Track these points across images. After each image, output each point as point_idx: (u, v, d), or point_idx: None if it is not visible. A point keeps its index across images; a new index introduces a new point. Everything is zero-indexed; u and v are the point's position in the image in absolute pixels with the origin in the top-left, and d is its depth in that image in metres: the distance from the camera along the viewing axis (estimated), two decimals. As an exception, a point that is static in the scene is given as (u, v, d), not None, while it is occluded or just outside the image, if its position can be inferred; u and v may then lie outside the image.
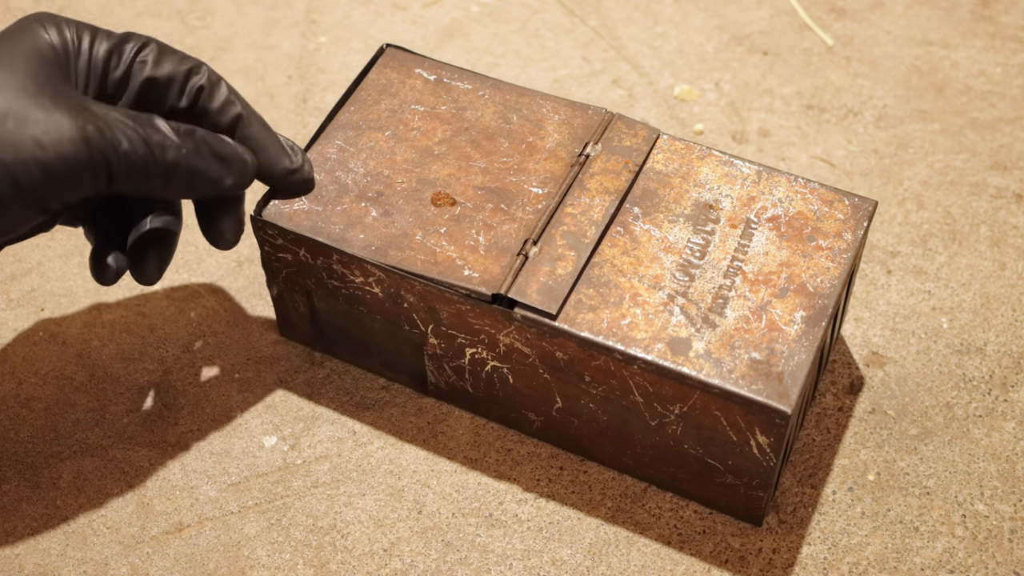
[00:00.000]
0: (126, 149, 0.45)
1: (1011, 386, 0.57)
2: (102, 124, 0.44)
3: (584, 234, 0.51)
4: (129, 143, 0.45)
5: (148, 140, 0.45)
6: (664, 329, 0.49)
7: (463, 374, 0.54)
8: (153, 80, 0.48)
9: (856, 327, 0.59)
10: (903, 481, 0.54)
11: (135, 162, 0.45)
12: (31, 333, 0.59)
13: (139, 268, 0.51)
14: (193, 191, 0.48)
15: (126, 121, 0.45)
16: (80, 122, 0.44)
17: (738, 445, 0.49)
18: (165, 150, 0.46)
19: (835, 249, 0.51)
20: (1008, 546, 0.52)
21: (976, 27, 0.71)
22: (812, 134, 0.66)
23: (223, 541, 0.53)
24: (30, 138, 0.43)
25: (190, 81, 0.49)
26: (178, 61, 0.49)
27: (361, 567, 0.52)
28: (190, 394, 0.57)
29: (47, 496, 0.54)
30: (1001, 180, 0.64)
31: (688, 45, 0.71)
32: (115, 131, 0.45)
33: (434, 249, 0.51)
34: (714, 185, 0.53)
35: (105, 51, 0.47)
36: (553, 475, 0.54)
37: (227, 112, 0.50)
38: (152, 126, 0.46)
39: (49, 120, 0.43)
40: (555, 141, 0.54)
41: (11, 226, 0.45)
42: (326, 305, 0.55)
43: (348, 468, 0.55)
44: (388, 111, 0.56)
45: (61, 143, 0.43)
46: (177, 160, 0.47)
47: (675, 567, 0.52)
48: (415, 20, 0.73)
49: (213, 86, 0.50)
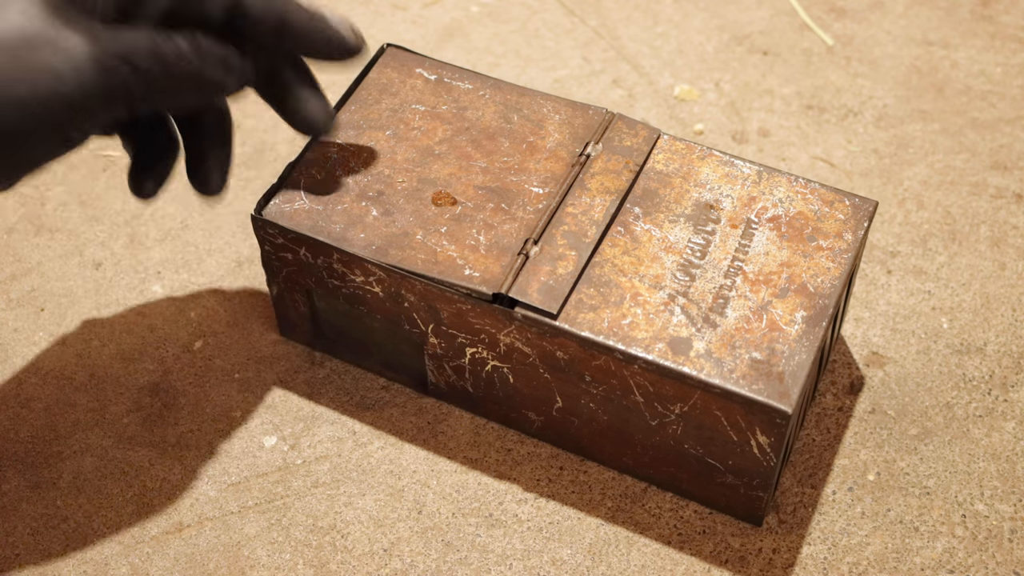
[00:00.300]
0: (145, 69, 0.43)
1: (1011, 386, 0.57)
2: (119, 48, 0.42)
3: (585, 234, 0.51)
4: (146, 64, 0.43)
5: (164, 58, 0.43)
6: (665, 329, 0.49)
7: (463, 374, 0.54)
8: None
9: (856, 327, 0.59)
10: (903, 481, 0.54)
11: (152, 84, 0.44)
12: (31, 333, 0.59)
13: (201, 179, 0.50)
14: (199, 99, 0.48)
15: (140, 42, 0.43)
16: (97, 49, 0.42)
17: (738, 445, 0.49)
18: (180, 66, 0.44)
19: (835, 249, 0.51)
20: (1008, 546, 0.52)
21: (976, 27, 0.71)
22: (812, 134, 0.66)
23: (223, 541, 0.53)
24: (46, 68, 0.41)
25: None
26: None
27: (361, 567, 0.52)
28: (190, 394, 0.57)
29: (47, 496, 0.54)
30: (1001, 180, 0.64)
31: (688, 45, 0.71)
32: (132, 55, 0.42)
33: (435, 248, 0.51)
34: (715, 185, 0.53)
35: None
36: (553, 475, 0.54)
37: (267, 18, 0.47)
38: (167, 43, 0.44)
39: (65, 46, 0.41)
40: (556, 141, 0.54)
41: (35, 158, 0.43)
42: (326, 305, 0.55)
43: (348, 468, 0.55)
44: (389, 111, 0.56)
45: (80, 72, 0.41)
46: (190, 72, 0.45)
47: (675, 567, 0.52)
48: (415, 20, 0.73)
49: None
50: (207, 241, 0.62)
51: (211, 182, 0.51)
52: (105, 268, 0.61)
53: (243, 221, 0.63)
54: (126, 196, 0.64)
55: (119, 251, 0.62)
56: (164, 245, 0.62)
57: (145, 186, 0.50)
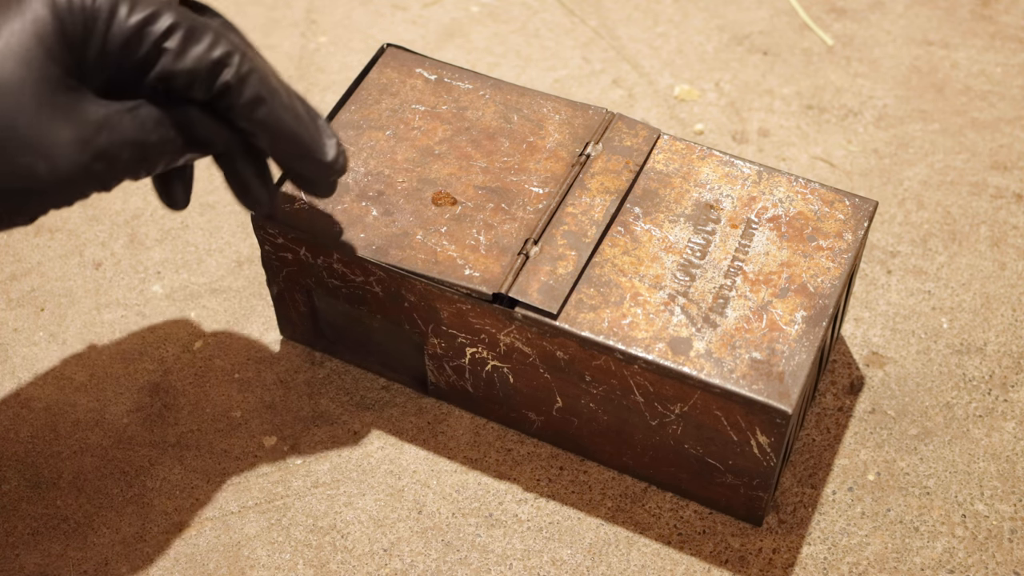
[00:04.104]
0: (125, 160, 0.43)
1: (1011, 386, 0.57)
2: (104, 145, 0.42)
3: (585, 234, 0.51)
4: (127, 156, 0.43)
5: (146, 149, 0.43)
6: (665, 329, 0.49)
7: (463, 374, 0.54)
8: (171, 73, 0.44)
9: (856, 327, 0.59)
10: (903, 481, 0.54)
11: (129, 172, 0.44)
12: (31, 333, 0.59)
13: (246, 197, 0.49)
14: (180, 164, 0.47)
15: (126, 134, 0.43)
16: (80, 147, 0.42)
17: (738, 445, 0.49)
18: (162, 152, 0.44)
19: (835, 249, 0.51)
20: (1008, 546, 0.52)
21: (976, 27, 0.71)
22: (812, 134, 0.66)
23: (223, 541, 0.53)
24: (24, 169, 0.41)
25: (216, 78, 0.44)
26: (207, 48, 0.43)
27: (361, 567, 0.52)
28: (190, 394, 0.57)
29: (47, 496, 0.54)
30: (1001, 180, 0.64)
31: (688, 45, 0.71)
32: (115, 149, 0.42)
33: (435, 248, 0.51)
34: (715, 185, 0.53)
35: (122, 36, 0.43)
36: (553, 475, 0.54)
37: (252, 112, 0.45)
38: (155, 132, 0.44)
39: (49, 143, 0.41)
40: (556, 141, 0.54)
41: (35, 214, 0.43)
42: (326, 305, 0.55)
43: (348, 468, 0.55)
44: (389, 111, 0.56)
45: (57, 172, 0.41)
46: (172, 153, 0.45)
47: (675, 567, 0.52)
48: (415, 20, 0.73)
49: (242, 82, 0.44)
50: (207, 241, 0.62)
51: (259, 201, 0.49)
52: (105, 268, 0.61)
53: (243, 221, 0.63)
54: (126, 196, 0.64)
55: (119, 251, 0.62)
56: (164, 245, 0.62)
57: (176, 199, 0.49)
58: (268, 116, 0.45)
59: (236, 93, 0.44)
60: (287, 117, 0.46)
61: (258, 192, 0.49)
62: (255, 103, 0.45)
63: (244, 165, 0.48)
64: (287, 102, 0.46)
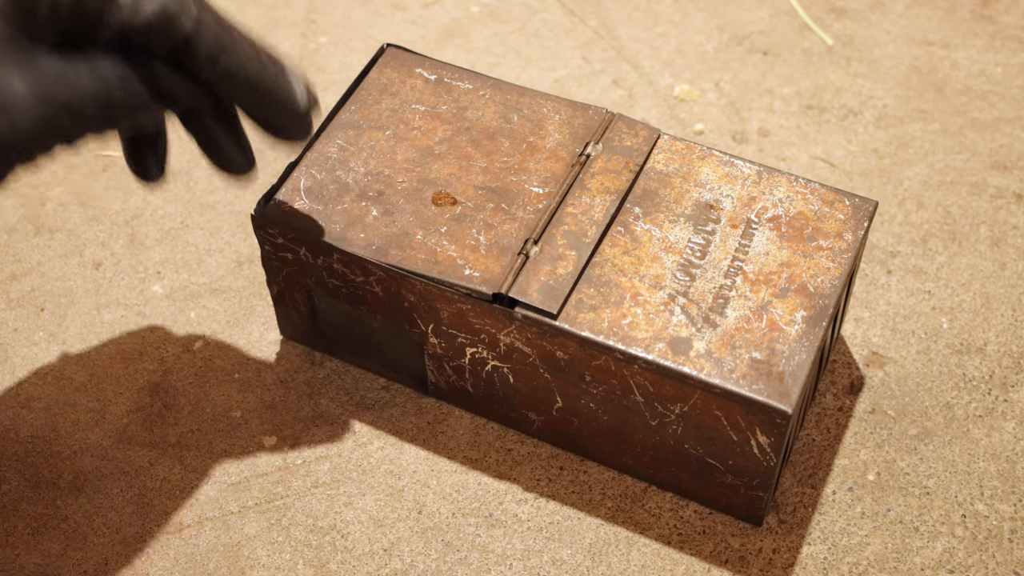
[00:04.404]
0: (88, 116, 0.43)
1: (1011, 386, 0.57)
2: (63, 96, 0.42)
3: (585, 234, 0.51)
4: (90, 110, 0.43)
5: (110, 102, 0.43)
6: (665, 329, 0.49)
7: (463, 374, 0.54)
8: (129, 28, 0.43)
9: (856, 327, 0.59)
10: (903, 481, 0.54)
11: (92, 125, 0.44)
12: (31, 333, 0.59)
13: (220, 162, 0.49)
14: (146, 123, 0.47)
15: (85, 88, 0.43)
16: (38, 98, 0.41)
17: (738, 445, 0.49)
18: (125, 105, 0.44)
19: (835, 249, 0.51)
20: (1008, 546, 0.52)
21: (976, 27, 0.71)
22: (812, 134, 0.66)
23: (223, 541, 0.53)
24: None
25: (174, 29, 0.44)
26: (162, 1, 0.43)
27: (361, 567, 0.52)
28: (190, 394, 0.57)
29: (47, 496, 0.54)
30: (1001, 180, 0.64)
31: (688, 45, 0.71)
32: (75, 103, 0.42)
33: (435, 248, 0.51)
34: (715, 185, 0.53)
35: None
36: (553, 475, 0.54)
37: (215, 64, 0.45)
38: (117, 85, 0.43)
39: (6, 93, 0.41)
40: (556, 141, 0.54)
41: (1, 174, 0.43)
42: (326, 305, 0.55)
43: (348, 468, 0.55)
44: (389, 111, 0.56)
45: (15, 124, 0.41)
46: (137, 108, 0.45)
47: (675, 567, 0.52)
48: (415, 20, 0.73)
49: (201, 33, 0.44)
50: (207, 241, 0.62)
51: (234, 162, 0.49)
52: (105, 268, 0.61)
53: (243, 221, 0.63)
54: (126, 196, 0.64)
55: (119, 251, 0.62)
56: (164, 245, 0.62)
57: (150, 171, 0.49)
58: (231, 64, 0.45)
59: (196, 44, 0.44)
60: (251, 65, 0.46)
61: (231, 152, 0.49)
62: (217, 53, 0.45)
63: (213, 123, 0.48)
64: (249, 51, 0.46)
